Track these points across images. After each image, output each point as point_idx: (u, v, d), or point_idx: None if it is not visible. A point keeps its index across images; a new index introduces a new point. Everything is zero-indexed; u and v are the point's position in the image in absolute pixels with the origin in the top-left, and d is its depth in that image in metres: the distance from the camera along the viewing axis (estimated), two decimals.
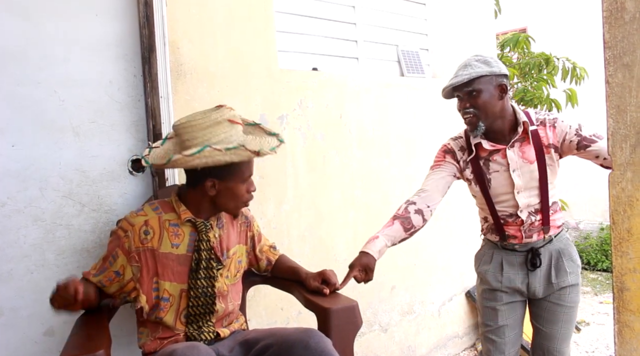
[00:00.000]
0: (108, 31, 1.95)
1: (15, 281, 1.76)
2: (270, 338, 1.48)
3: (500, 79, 1.81)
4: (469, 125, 1.85)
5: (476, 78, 1.78)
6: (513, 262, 1.95)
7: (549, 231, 1.90)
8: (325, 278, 1.73)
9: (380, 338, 2.81)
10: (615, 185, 0.83)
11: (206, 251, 1.60)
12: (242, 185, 1.60)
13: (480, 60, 1.83)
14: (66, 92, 1.87)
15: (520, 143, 1.85)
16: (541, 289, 1.92)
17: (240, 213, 1.78)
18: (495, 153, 1.87)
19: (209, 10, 2.16)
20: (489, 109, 1.80)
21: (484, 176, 1.91)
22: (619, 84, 0.80)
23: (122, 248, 1.56)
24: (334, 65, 2.68)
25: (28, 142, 1.79)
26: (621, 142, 0.81)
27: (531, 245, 1.91)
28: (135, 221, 1.58)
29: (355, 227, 2.71)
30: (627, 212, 0.82)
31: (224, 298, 1.65)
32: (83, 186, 1.90)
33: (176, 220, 1.60)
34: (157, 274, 1.57)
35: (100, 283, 1.56)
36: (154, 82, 1.98)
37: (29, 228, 1.79)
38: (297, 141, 2.46)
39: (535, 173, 1.84)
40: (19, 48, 1.78)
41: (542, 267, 1.91)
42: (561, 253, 1.92)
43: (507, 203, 1.89)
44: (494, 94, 1.80)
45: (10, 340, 1.75)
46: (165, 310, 1.57)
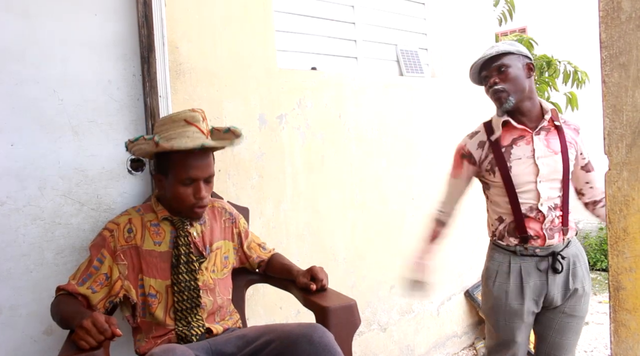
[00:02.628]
0: (107, 31, 1.95)
1: (14, 280, 1.76)
2: (270, 333, 1.48)
3: (527, 59, 1.83)
4: (497, 101, 1.82)
5: (504, 53, 1.80)
6: (532, 270, 1.84)
7: (568, 232, 1.85)
8: (313, 275, 1.73)
9: (379, 337, 2.82)
10: (611, 184, 0.83)
11: (185, 246, 1.63)
12: (182, 187, 1.59)
13: (505, 43, 1.85)
14: (65, 92, 1.87)
15: (547, 132, 1.83)
16: (559, 296, 1.85)
17: (223, 210, 1.82)
18: (519, 140, 1.83)
19: (207, 10, 2.16)
20: (518, 85, 1.78)
21: (505, 163, 1.84)
22: (615, 84, 0.80)
23: (107, 248, 1.59)
24: (333, 64, 2.69)
25: (27, 141, 1.79)
26: (617, 141, 0.82)
27: (552, 249, 1.83)
28: (120, 220, 1.65)
29: (354, 226, 2.72)
30: (623, 211, 0.82)
31: (211, 291, 1.67)
32: (82, 185, 1.90)
33: (155, 220, 1.66)
34: (142, 271, 1.60)
35: (91, 289, 1.54)
36: (153, 82, 1.98)
37: (28, 227, 1.79)
38: (296, 141, 2.46)
39: (560, 165, 1.80)
40: (17, 47, 1.78)
41: (563, 273, 1.84)
42: (577, 257, 1.87)
43: (529, 194, 1.81)
44: (522, 71, 1.80)
45: (10, 338, 1.75)
46: (154, 306, 1.59)
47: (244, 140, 2.23)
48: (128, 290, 1.59)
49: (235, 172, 2.24)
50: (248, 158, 2.28)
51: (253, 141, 2.30)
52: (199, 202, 1.61)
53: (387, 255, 2.85)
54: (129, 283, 1.59)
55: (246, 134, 2.26)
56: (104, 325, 1.28)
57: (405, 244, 2.92)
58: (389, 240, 2.86)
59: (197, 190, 1.60)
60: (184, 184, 1.59)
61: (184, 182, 1.58)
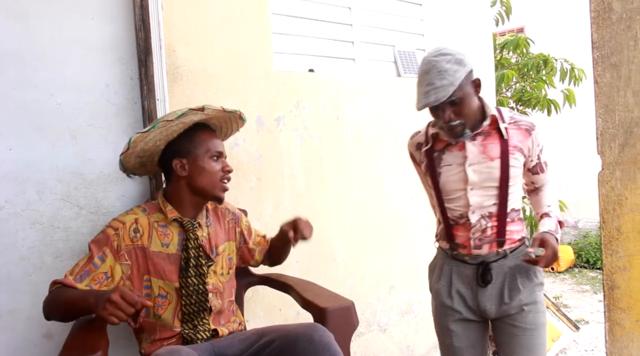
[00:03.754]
0: (104, 34, 1.96)
1: (13, 284, 1.76)
2: (272, 333, 1.48)
3: (472, 74, 1.64)
4: (454, 136, 1.66)
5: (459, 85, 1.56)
6: (462, 275, 1.75)
7: (504, 244, 1.69)
8: (296, 225, 1.68)
9: (379, 338, 2.82)
10: (604, 184, 0.84)
11: (194, 249, 1.62)
12: (211, 162, 1.62)
13: (452, 61, 1.57)
14: (63, 95, 1.87)
15: (484, 137, 1.67)
16: (493, 309, 1.71)
17: (226, 210, 1.81)
18: (453, 145, 1.71)
19: (204, 13, 2.17)
20: (472, 112, 1.64)
21: (435, 169, 1.75)
22: (607, 84, 0.81)
23: (110, 247, 1.55)
24: (330, 66, 2.69)
25: (25, 145, 1.80)
26: (610, 141, 0.82)
27: (482, 258, 1.70)
28: (126, 219, 1.61)
29: (353, 227, 2.72)
30: (616, 211, 0.82)
31: (220, 294, 1.66)
32: (80, 189, 1.90)
33: (164, 221, 1.63)
34: (149, 272, 1.58)
35: (89, 286, 1.50)
36: (150, 85, 1.98)
37: (27, 231, 1.80)
38: (294, 142, 2.46)
39: (496, 172, 1.65)
40: (15, 50, 1.78)
41: (495, 284, 1.70)
42: (517, 270, 1.70)
43: (458, 202, 1.70)
44: (473, 94, 1.64)
45: (9, 342, 1.76)
46: (164, 307, 1.58)
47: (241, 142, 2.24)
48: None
49: (234, 174, 2.22)
50: (246, 161, 2.28)
51: (251, 143, 2.30)
52: (226, 176, 1.66)
53: (386, 255, 2.85)
54: (130, 284, 1.57)
55: (244, 137, 2.27)
56: (133, 297, 1.27)
57: (404, 244, 2.93)
58: (388, 240, 2.87)
59: (225, 164, 1.66)
60: (214, 159, 1.62)
61: (214, 156, 1.62)
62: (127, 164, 1.65)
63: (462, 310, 1.75)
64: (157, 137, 1.57)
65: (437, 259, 1.87)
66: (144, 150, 1.61)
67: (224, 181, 1.66)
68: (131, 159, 1.64)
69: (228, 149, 2.19)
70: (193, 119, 1.57)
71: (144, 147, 1.60)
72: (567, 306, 4.53)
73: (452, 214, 1.74)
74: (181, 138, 1.60)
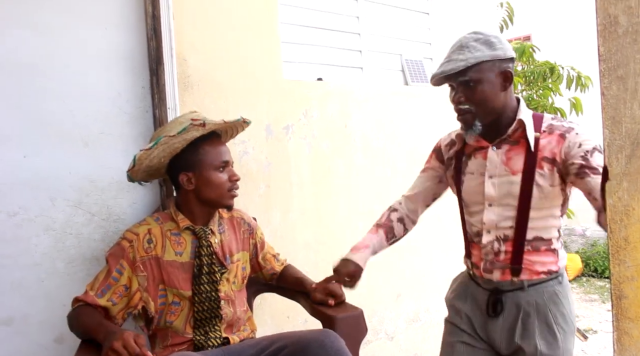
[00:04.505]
0: (117, 44, 1.99)
1: (26, 289, 1.79)
2: (283, 340, 1.50)
3: (505, 64, 1.44)
4: (462, 122, 1.50)
5: (474, 64, 1.41)
6: (476, 299, 1.58)
7: (521, 274, 1.47)
8: (331, 292, 1.72)
9: (387, 346, 2.82)
10: (612, 194, 0.84)
11: (207, 256, 1.63)
12: (218, 173, 1.62)
13: (480, 40, 1.43)
14: (76, 104, 1.90)
15: (510, 146, 1.47)
16: (503, 344, 1.51)
17: (242, 221, 1.82)
18: (479, 151, 1.54)
19: (215, 22, 2.20)
20: (488, 104, 1.44)
21: (460, 175, 1.59)
22: (613, 96, 0.81)
23: (126, 259, 1.57)
24: (338, 75, 2.72)
25: (39, 152, 1.83)
26: (617, 152, 0.83)
27: (495, 285, 1.52)
28: (139, 230, 1.62)
29: (360, 235, 2.72)
30: (623, 221, 0.83)
31: (232, 303, 1.67)
32: (92, 195, 1.93)
33: (176, 229, 1.65)
34: (163, 281, 1.60)
35: (111, 301, 1.53)
36: (161, 94, 2.02)
37: (40, 237, 1.83)
38: (302, 150, 2.49)
39: (516, 188, 1.45)
40: (30, 60, 1.82)
41: (506, 318, 1.50)
42: (536, 310, 1.46)
43: (477, 217, 1.54)
44: (496, 84, 1.43)
45: (22, 346, 1.78)
46: (177, 314, 1.60)
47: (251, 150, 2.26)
48: (147, 302, 1.59)
49: (243, 182, 2.25)
50: (255, 169, 2.31)
51: (260, 151, 2.33)
52: (235, 185, 1.65)
53: (394, 263, 2.86)
54: (147, 295, 1.58)
55: (253, 145, 2.29)
56: (135, 348, 1.28)
57: (412, 253, 2.94)
58: (395, 248, 2.86)
59: (232, 173, 1.65)
60: (219, 170, 1.62)
61: (219, 168, 1.62)
62: (135, 178, 1.68)
63: (469, 334, 1.58)
64: (161, 154, 1.58)
65: (461, 274, 1.73)
66: (150, 167, 1.64)
67: (233, 190, 1.66)
68: (138, 174, 1.66)
69: (237, 157, 2.21)
70: (194, 135, 1.57)
71: (149, 163, 1.62)
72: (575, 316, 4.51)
73: (471, 230, 1.59)
74: (185, 152, 1.60)
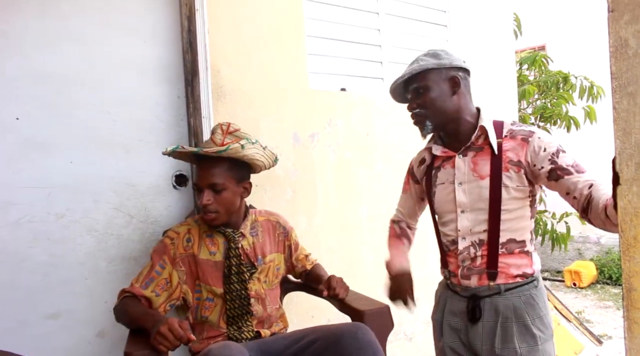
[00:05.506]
0: (155, 56, 2.12)
1: (71, 286, 1.91)
2: (315, 333, 1.59)
3: (452, 72, 1.54)
4: (416, 124, 1.60)
5: (420, 72, 1.53)
6: (455, 308, 1.61)
7: (497, 278, 1.50)
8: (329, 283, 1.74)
9: (406, 347, 2.91)
10: (622, 197, 0.93)
11: (236, 257, 1.73)
12: (196, 193, 1.76)
13: (429, 54, 1.58)
14: (117, 113, 2.03)
15: (476, 153, 1.54)
16: (484, 350, 1.51)
17: (278, 224, 1.93)
18: (447, 161, 1.60)
19: (246, 36, 2.33)
20: (438, 107, 1.53)
21: (431, 188, 1.65)
22: (624, 110, 0.90)
23: (168, 255, 1.69)
24: (361, 85, 2.82)
25: (83, 158, 1.96)
26: (627, 160, 0.91)
27: (473, 291, 1.54)
28: (180, 229, 1.75)
29: (381, 240, 2.82)
30: (633, 222, 0.91)
31: (262, 301, 1.77)
32: (132, 199, 2.05)
33: (210, 231, 1.77)
34: (198, 277, 1.71)
35: (154, 292, 1.64)
36: (196, 103, 2.14)
37: (84, 237, 1.95)
38: (327, 158, 2.60)
39: (485, 192, 1.49)
40: (75, 73, 1.96)
41: (484, 323, 1.52)
42: (514, 313, 1.49)
43: (450, 225, 1.58)
44: (444, 90, 1.53)
45: (67, 340, 1.90)
46: (211, 309, 1.71)
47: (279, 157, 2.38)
48: (186, 294, 1.71)
49: (271, 187, 2.38)
50: (283, 175, 2.42)
51: (287, 158, 2.44)
52: (204, 209, 1.68)
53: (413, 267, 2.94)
54: (187, 288, 1.71)
55: (281, 152, 2.41)
56: (179, 331, 1.38)
57: (430, 256, 3.02)
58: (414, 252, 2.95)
59: (200, 197, 1.69)
60: (195, 190, 1.75)
61: (194, 188, 1.76)
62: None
63: (457, 347, 1.60)
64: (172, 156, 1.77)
65: (439, 287, 1.75)
66: None
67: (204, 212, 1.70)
68: None
69: None
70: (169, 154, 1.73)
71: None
72: (589, 322, 4.55)
73: (446, 239, 1.62)
74: None
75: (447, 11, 3.26)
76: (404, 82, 1.59)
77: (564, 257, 6.39)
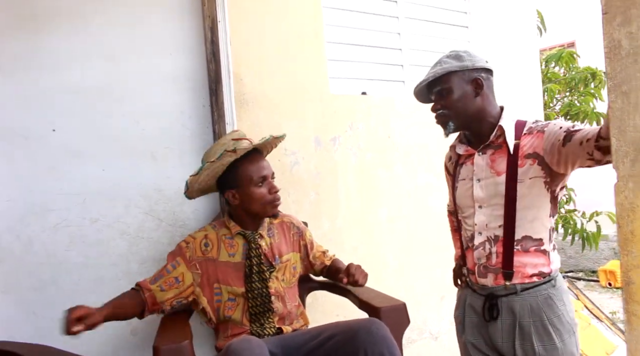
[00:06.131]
0: (180, 67, 2.22)
1: (105, 286, 2.02)
2: (333, 329, 1.65)
3: (474, 74, 1.58)
4: (439, 124, 1.65)
5: (444, 75, 1.58)
6: (474, 306, 1.65)
7: (513, 278, 1.53)
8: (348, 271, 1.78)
9: (431, 345, 2.94)
10: (619, 193, 0.96)
11: (256, 257, 1.82)
12: (257, 188, 1.79)
13: (451, 56, 1.62)
14: (145, 122, 2.14)
15: (494, 150, 1.58)
16: (505, 347, 1.55)
17: (291, 225, 2.01)
18: (468, 158, 1.66)
19: (267, 45, 2.41)
20: (460, 109, 1.58)
21: (454, 183, 1.71)
22: (619, 109, 0.93)
23: (183, 257, 1.79)
24: (381, 88, 2.87)
25: (115, 166, 2.08)
26: (623, 157, 0.94)
27: (490, 290, 1.58)
28: (197, 235, 1.85)
29: (402, 240, 2.87)
30: (630, 217, 0.94)
31: (281, 298, 1.85)
32: (160, 203, 2.16)
33: (229, 234, 1.85)
34: (218, 280, 1.79)
35: (160, 287, 1.73)
36: (220, 111, 2.23)
37: (116, 240, 2.06)
38: (349, 160, 2.66)
39: (501, 188, 1.53)
40: (105, 86, 2.07)
41: (503, 321, 1.55)
42: (531, 313, 1.51)
43: (470, 220, 1.63)
44: (467, 91, 1.57)
45: (101, 337, 2.00)
46: (233, 309, 1.79)
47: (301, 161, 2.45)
48: (198, 296, 1.79)
49: (294, 190, 2.45)
50: (305, 178, 2.49)
51: (309, 161, 2.51)
52: (275, 196, 1.82)
53: (437, 267, 2.98)
54: (200, 291, 1.79)
55: (303, 155, 2.48)
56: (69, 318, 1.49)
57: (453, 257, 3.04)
58: (437, 252, 2.99)
59: (271, 186, 1.82)
60: (259, 185, 1.80)
61: (258, 183, 1.79)
62: (192, 197, 1.91)
63: (478, 343, 1.64)
64: (206, 178, 1.82)
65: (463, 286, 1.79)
66: (201, 188, 1.87)
67: (275, 201, 1.83)
68: (194, 193, 1.89)
69: (289, 167, 2.41)
70: (229, 160, 1.77)
71: (198, 187, 1.85)
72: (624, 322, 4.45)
73: (465, 234, 1.66)
74: (227, 173, 1.81)
75: (468, 12, 3.28)
76: (427, 84, 1.63)
77: (599, 257, 6.28)
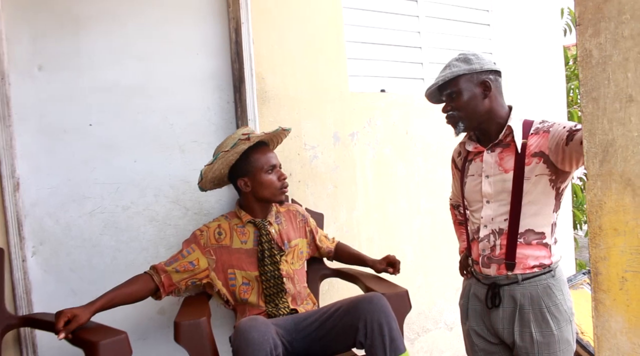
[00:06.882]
0: (206, 66, 2.37)
1: (136, 268, 2.18)
2: (339, 303, 1.78)
3: (483, 76, 1.65)
4: (450, 124, 1.74)
5: (453, 78, 1.65)
6: (477, 294, 1.75)
7: (515, 268, 1.62)
8: (390, 261, 2.09)
9: (446, 336, 3.03)
10: (589, 191, 1.04)
11: (267, 242, 1.96)
12: (268, 175, 1.96)
13: (460, 59, 1.68)
14: (174, 118, 2.30)
15: (502, 149, 1.66)
16: (508, 333, 1.65)
17: (297, 212, 2.16)
18: (477, 155, 1.74)
19: (288, 45, 2.53)
20: (470, 110, 1.66)
21: (463, 178, 1.80)
22: (590, 113, 1.01)
23: (197, 244, 1.94)
24: (400, 86, 2.96)
25: (146, 158, 2.24)
26: (592, 158, 1.02)
27: (493, 280, 1.68)
28: (211, 225, 2.00)
29: (420, 232, 2.96)
30: (598, 212, 1.02)
31: (291, 279, 1.99)
32: (187, 193, 2.32)
33: (241, 223, 2.00)
34: (232, 266, 1.94)
35: (175, 269, 1.87)
36: (243, 108, 2.37)
37: (146, 227, 2.24)
38: (366, 154, 2.77)
39: (508, 184, 1.62)
40: (138, 84, 2.24)
41: (504, 309, 1.66)
42: (531, 301, 1.61)
43: (477, 214, 1.72)
44: (476, 93, 1.65)
45: (131, 316, 2.19)
46: (249, 292, 1.94)
47: (320, 155, 2.57)
48: (213, 280, 1.93)
49: (313, 182, 2.58)
50: (324, 171, 2.62)
51: (328, 156, 2.63)
52: (284, 183, 1.99)
53: (453, 259, 3.02)
54: (215, 275, 1.94)
55: (322, 150, 2.60)
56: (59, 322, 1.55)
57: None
58: (453, 245, 3.06)
59: (280, 173, 1.99)
60: (268, 172, 1.96)
61: (268, 171, 1.95)
62: (205, 188, 2.05)
63: (481, 330, 1.74)
64: (220, 166, 1.95)
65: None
66: (214, 178, 2.01)
67: (283, 187, 1.99)
68: (207, 185, 2.04)
69: (308, 161, 2.54)
70: (243, 148, 1.92)
71: (212, 175, 1.99)
72: None
73: (472, 227, 1.77)
74: (239, 162, 1.96)
75: (490, 10, 3.32)
76: (438, 87, 1.71)
77: None
